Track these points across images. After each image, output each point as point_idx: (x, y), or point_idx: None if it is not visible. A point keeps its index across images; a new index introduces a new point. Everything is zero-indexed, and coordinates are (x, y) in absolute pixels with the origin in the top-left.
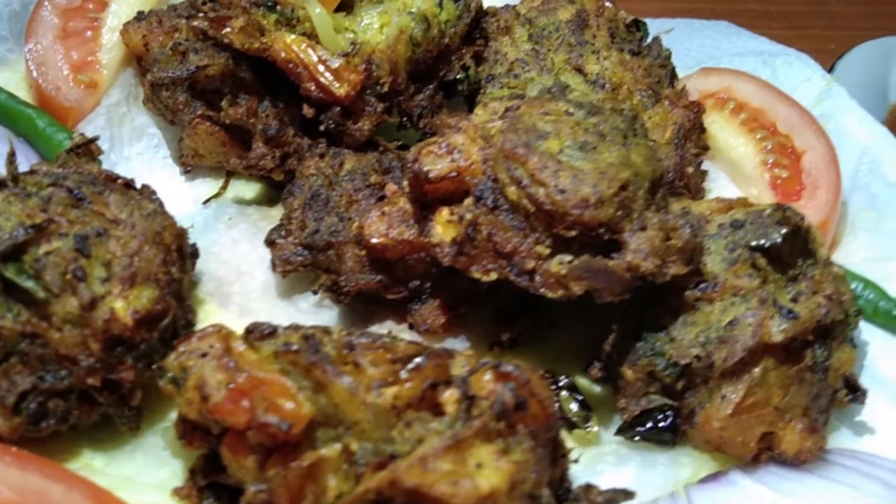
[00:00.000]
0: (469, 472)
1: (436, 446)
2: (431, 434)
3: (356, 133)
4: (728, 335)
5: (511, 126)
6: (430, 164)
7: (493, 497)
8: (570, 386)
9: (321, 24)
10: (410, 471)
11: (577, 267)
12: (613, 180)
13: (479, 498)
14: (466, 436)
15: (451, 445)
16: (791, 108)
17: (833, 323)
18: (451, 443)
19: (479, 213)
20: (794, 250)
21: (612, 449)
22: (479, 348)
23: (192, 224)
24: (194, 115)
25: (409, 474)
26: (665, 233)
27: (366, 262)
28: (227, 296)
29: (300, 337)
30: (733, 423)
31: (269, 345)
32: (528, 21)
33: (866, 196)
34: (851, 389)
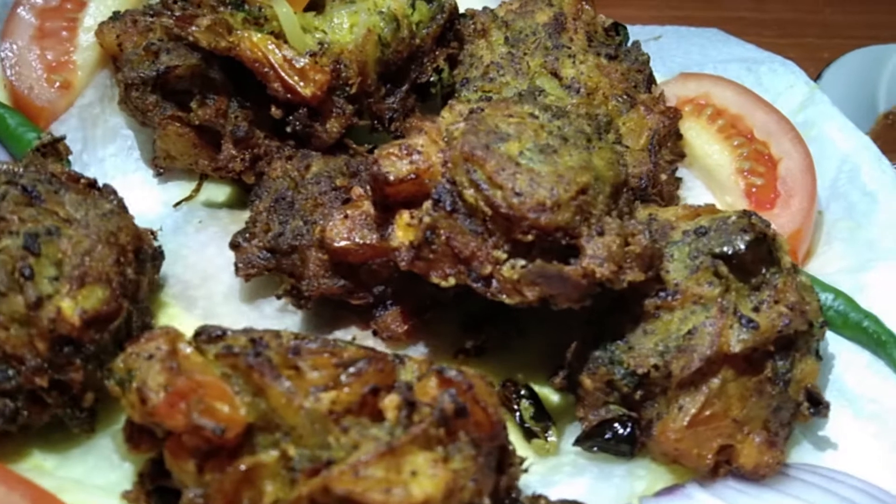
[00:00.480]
0: (403, 479)
1: (369, 453)
2: (368, 440)
3: (323, 135)
4: (686, 344)
5: (472, 128)
6: (390, 166)
7: None
8: (531, 394)
9: (288, 23)
10: (342, 478)
11: (530, 272)
12: (571, 184)
13: None
14: (403, 442)
15: (384, 452)
16: (769, 114)
17: (796, 334)
18: (384, 449)
19: (437, 217)
20: (757, 258)
21: (570, 459)
22: (444, 355)
23: (161, 227)
24: (164, 115)
25: (341, 481)
26: (623, 238)
27: (329, 267)
28: (191, 299)
29: (247, 340)
30: (689, 434)
31: (215, 348)
32: (505, 24)
33: (844, 205)
34: (814, 403)
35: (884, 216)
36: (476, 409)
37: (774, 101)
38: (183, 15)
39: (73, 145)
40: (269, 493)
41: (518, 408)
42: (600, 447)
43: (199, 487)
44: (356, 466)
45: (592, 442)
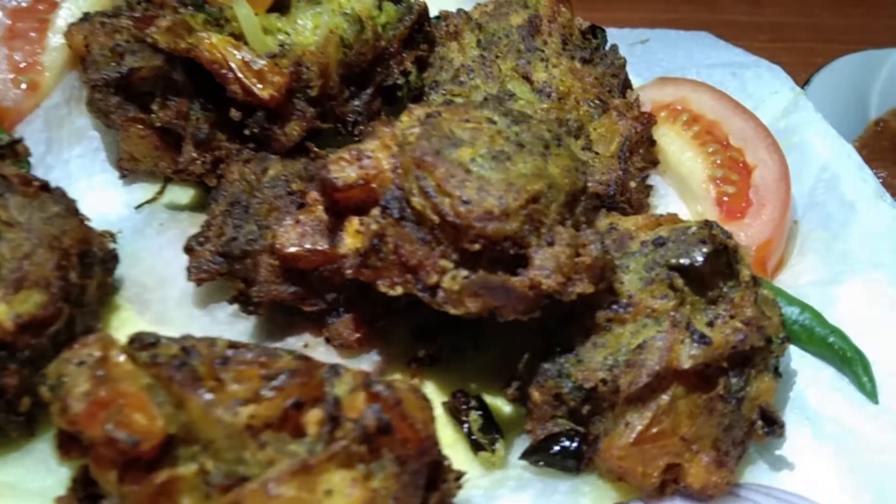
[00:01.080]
0: (317, 498)
1: (282, 470)
2: (284, 457)
3: (282, 138)
4: (635, 359)
5: (425, 133)
6: (338, 171)
7: None
8: (481, 406)
9: (247, 24)
10: (253, 495)
11: (472, 283)
12: (521, 192)
13: None
14: (319, 460)
15: (297, 470)
16: (746, 120)
17: (753, 350)
18: (298, 467)
19: (385, 224)
20: (715, 271)
21: (517, 473)
22: (397, 363)
23: (120, 229)
24: (126, 117)
25: (251, 499)
26: (574, 249)
27: (280, 273)
28: (145, 303)
29: (178, 349)
30: (634, 452)
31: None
32: (478, 26)
33: (820, 215)
34: (768, 422)
35: (861, 227)
36: (402, 425)
37: (758, 106)
38: (143, 16)
39: (36, 147)
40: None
41: (467, 419)
42: (546, 462)
43: (118, 498)
44: (267, 484)
45: (538, 456)
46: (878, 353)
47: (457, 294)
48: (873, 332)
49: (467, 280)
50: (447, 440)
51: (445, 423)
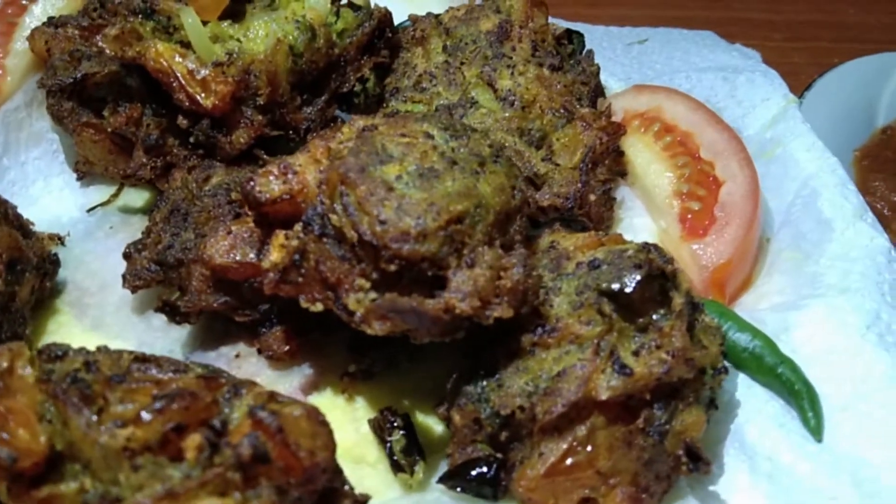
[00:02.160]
0: None
1: (148, 495)
2: (156, 481)
3: (227, 146)
4: (554, 387)
5: (355, 148)
6: (263, 185)
7: None
8: (406, 426)
9: (193, 32)
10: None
11: (378, 305)
12: (443, 212)
13: None
14: (188, 487)
15: (162, 497)
16: (720, 132)
17: (681, 382)
18: (162, 494)
19: (307, 240)
20: (647, 298)
21: (434, 497)
22: (331, 377)
23: (69, 232)
24: (79, 122)
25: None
26: (495, 271)
27: (211, 283)
28: (84, 308)
29: (81, 362)
30: (545, 483)
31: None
32: (446, 31)
33: (794, 234)
34: (693, 458)
35: (835, 248)
36: (284, 453)
37: (748, 114)
38: (90, 24)
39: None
40: None
41: (390, 438)
42: (463, 487)
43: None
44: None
45: (455, 481)
46: (829, 386)
47: (365, 316)
48: (828, 364)
49: (374, 302)
50: (371, 458)
51: (372, 440)
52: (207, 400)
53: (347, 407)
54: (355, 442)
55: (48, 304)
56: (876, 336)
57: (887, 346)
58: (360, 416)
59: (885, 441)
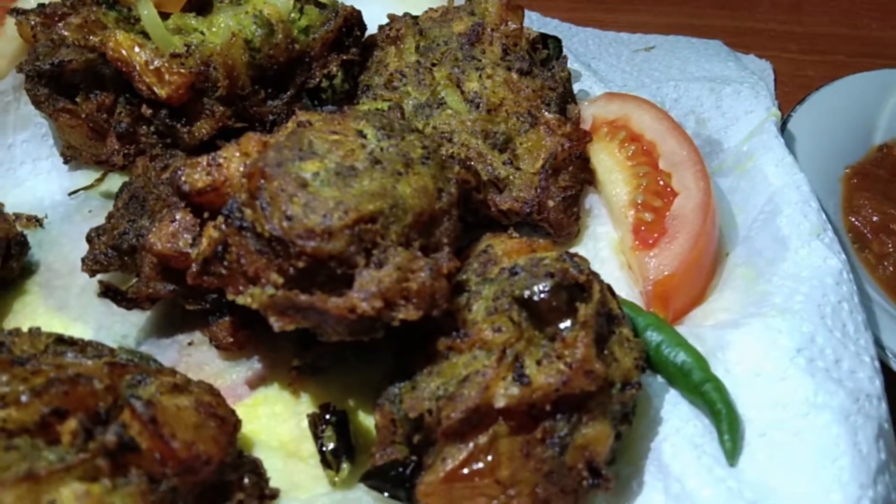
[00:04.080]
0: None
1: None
2: (20, 462)
3: (185, 136)
4: (458, 392)
5: (280, 143)
6: (188, 176)
7: None
8: (340, 423)
9: (150, 23)
10: None
11: (275, 301)
12: (350, 211)
13: None
14: (51, 470)
15: (23, 478)
16: (681, 144)
17: (585, 394)
18: (23, 475)
19: (228, 232)
20: (555, 308)
21: (357, 497)
22: (280, 370)
23: (46, 215)
24: (55, 107)
25: None
26: (404, 273)
27: (160, 270)
28: (51, 289)
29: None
30: (443, 489)
31: None
32: (420, 31)
33: (750, 250)
34: (593, 474)
35: (788, 266)
36: (157, 443)
37: (731, 125)
38: (52, 12)
39: None
40: None
41: (322, 435)
42: (381, 487)
43: None
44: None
45: (374, 481)
46: (753, 409)
47: (263, 310)
48: (755, 386)
49: (270, 298)
50: (305, 453)
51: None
52: (99, 386)
53: (291, 401)
54: (294, 437)
55: (18, 283)
56: (805, 360)
57: (814, 372)
58: (303, 410)
59: (794, 471)
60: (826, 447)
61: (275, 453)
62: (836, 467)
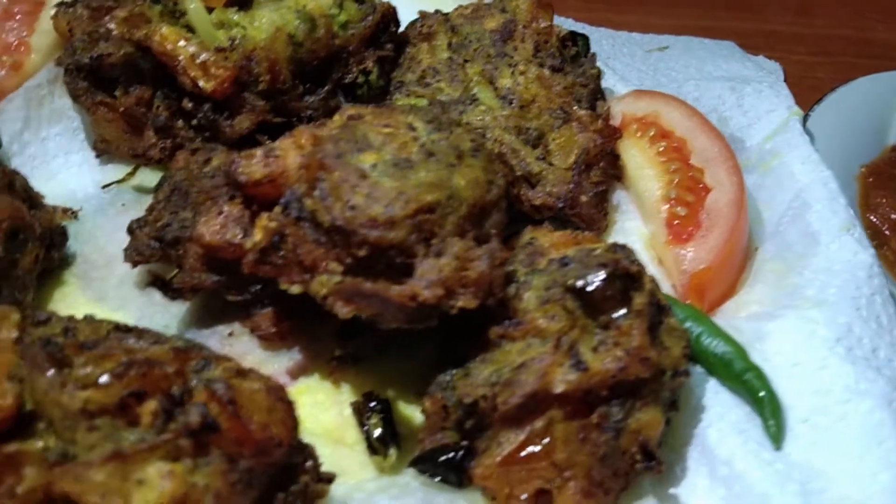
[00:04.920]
0: (125, 486)
1: (97, 455)
2: (108, 442)
3: (228, 129)
4: (514, 378)
5: (336, 135)
6: (245, 167)
7: None
8: (384, 410)
9: (197, 17)
10: (65, 476)
11: (341, 288)
12: (411, 202)
13: None
14: (137, 449)
15: (111, 456)
16: (712, 140)
17: (639, 381)
18: (110, 454)
19: (285, 223)
20: (609, 297)
21: (405, 481)
22: (320, 360)
23: (81, 207)
24: (93, 101)
25: (64, 479)
26: (461, 262)
27: (205, 262)
28: (89, 280)
29: (62, 328)
30: (501, 472)
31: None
32: (452, 28)
33: (779, 245)
34: (647, 457)
35: (820, 261)
36: (235, 424)
37: (752, 124)
38: (100, 6)
39: (14, 124)
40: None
41: (367, 422)
42: (431, 472)
43: None
44: (80, 467)
45: (424, 465)
46: (794, 397)
47: (329, 298)
48: (794, 375)
49: (337, 285)
50: (350, 440)
51: (353, 423)
52: (170, 370)
53: (333, 390)
54: (337, 424)
55: (56, 274)
56: (844, 349)
57: (854, 360)
58: (344, 399)
59: (840, 454)
60: (871, 431)
61: (320, 440)
62: (883, 449)
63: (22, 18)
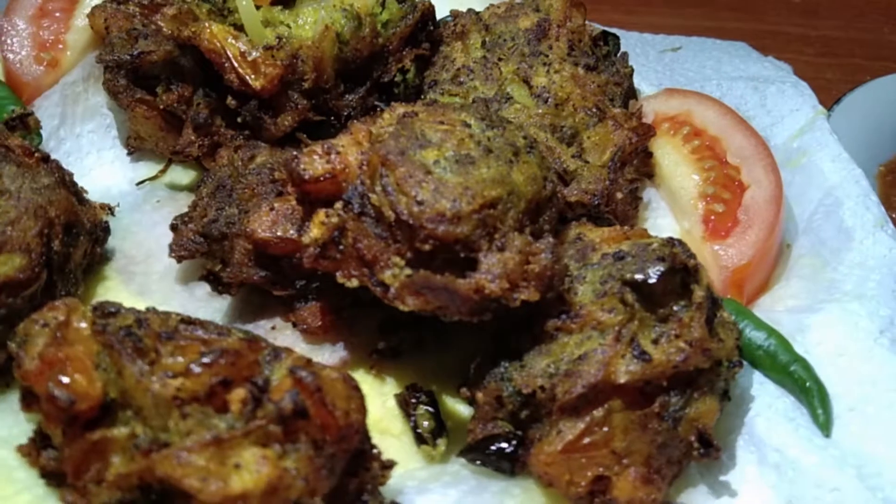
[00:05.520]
0: (224, 470)
1: (196, 440)
2: (202, 429)
3: (272, 127)
4: (575, 369)
5: (396, 132)
6: (307, 164)
7: (244, 498)
8: (431, 402)
9: (246, 15)
10: (164, 461)
11: (412, 281)
12: (477, 197)
13: (227, 497)
14: (233, 435)
15: (209, 442)
16: (748, 138)
17: (697, 371)
18: (209, 440)
19: (346, 218)
20: (668, 290)
21: (455, 470)
22: (360, 353)
23: (119, 203)
24: (132, 98)
25: (163, 464)
26: (524, 256)
27: (252, 257)
28: (131, 275)
29: (133, 319)
30: (562, 460)
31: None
32: (486, 27)
33: (814, 241)
34: (704, 445)
35: (854, 256)
36: (321, 411)
37: (777, 123)
38: (150, 3)
39: (50, 120)
40: (114, 466)
41: (414, 413)
42: (482, 461)
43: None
44: (180, 452)
45: (475, 455)
46: (840, 386)
47: (398, 291)
48: (839, 365)
49: (408, 278)
50: (395, 431)
51: (397, 414)
52: (251, 359)
53: (375, 382)
54: (382, 415)
55: (97, 269)
56: (888, 341)
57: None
58: (387, 391)
59: (890, 441)
60: None
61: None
62: None
63: (57, 17)
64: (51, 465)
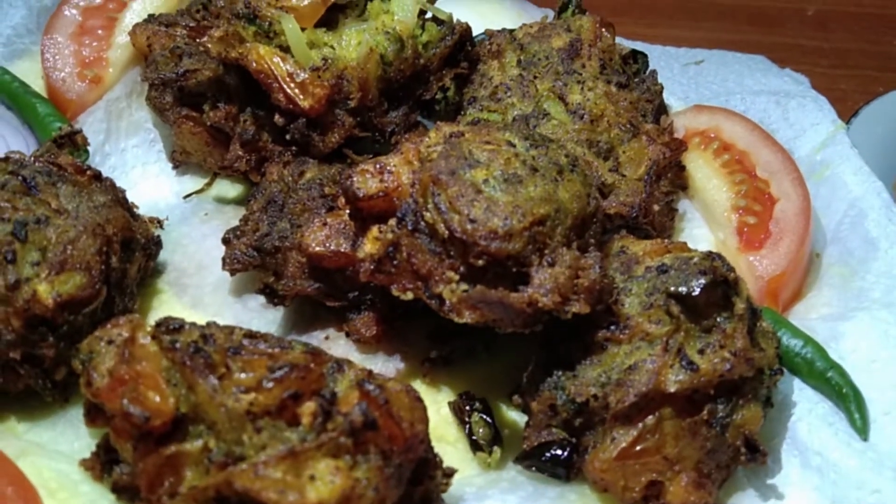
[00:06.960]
0: (300, 482)
1: (272, 454)
2: (277, 442)
3: (320, 144)
4: (626, 378)
5: (445, 152)
6: (361, 182)
7: None
8: (485, 409)
9: (293, 38)
10: (242, 474)
11: (470, 296)
12: (527, 215)
13: None
14: (307, 448)
15: (285, 455)
16: (775, 153)
17: (742, 379)
18: (285, 453)
19: (400, 234)
20: (711, 302)
21: (511, 476)
22: (412, 362)
23: (168, 216)
24: (179, 115)
25: (241, 477)
26: (574, 270)
27: (306, 269)
28: (183, 287)
29: (199, 335)
30: (617, 466)
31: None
32: (520, 46)
33: (842, 251)
34: (751, 450)
35: (881, 265)
36: (389, 423)
37: (798, 137)
38: (197, 25)
39: (96, 136)
40: (187, 480)
41: (469, 420)
42: (537, 467)
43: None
44: (257, 465)
45: (530, 461)
46: (874, 391)
47: (456, 305)
48: (873, 371)
49: (466, 293)
50: (450, 438)
51: (451, 421)
52: (317, 372)
53: (428, 390)
54: (436, 423)
55: (150, 283)
56: None
57: None
58: (440, 399)
59: None
60: None
61: None
62: None
63: (98, 34)
64: (123, 480)
